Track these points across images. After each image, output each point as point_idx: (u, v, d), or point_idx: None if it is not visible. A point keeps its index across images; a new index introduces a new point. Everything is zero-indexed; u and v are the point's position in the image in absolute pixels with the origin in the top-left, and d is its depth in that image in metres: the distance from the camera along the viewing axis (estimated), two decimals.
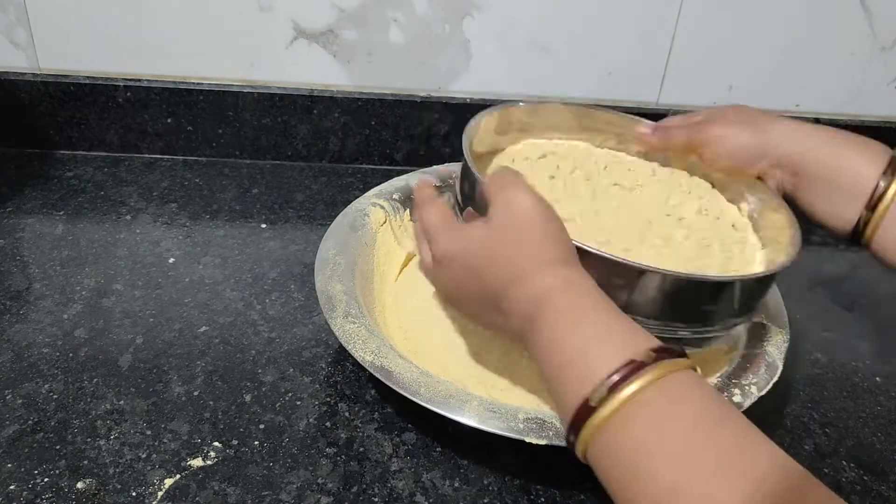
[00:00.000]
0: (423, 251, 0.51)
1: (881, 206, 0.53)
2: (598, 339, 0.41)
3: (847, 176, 0.54)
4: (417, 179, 0.56)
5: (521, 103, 0.63)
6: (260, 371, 0.58)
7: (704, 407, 0.38)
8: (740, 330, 0.56)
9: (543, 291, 0.43)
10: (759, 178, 0.58)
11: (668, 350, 0.40)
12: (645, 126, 0.63)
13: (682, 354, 0.40)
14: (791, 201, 0.58)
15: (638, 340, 0.41)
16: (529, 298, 0.44)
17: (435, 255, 0.49)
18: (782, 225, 0.56)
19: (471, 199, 0.53)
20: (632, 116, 0.65)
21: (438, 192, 0.54)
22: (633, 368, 0.39)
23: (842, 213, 0.55)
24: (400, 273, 0.66)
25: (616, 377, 0.39)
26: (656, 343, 0.41)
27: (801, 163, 0.56)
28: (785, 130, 0.57)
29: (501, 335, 0.50)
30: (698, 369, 0.41)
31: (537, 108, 0.64)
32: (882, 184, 0.53)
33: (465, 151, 0.54)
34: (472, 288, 0.47)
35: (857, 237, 0.55)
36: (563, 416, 0.42)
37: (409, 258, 0.66)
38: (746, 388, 0.53)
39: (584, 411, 0.39)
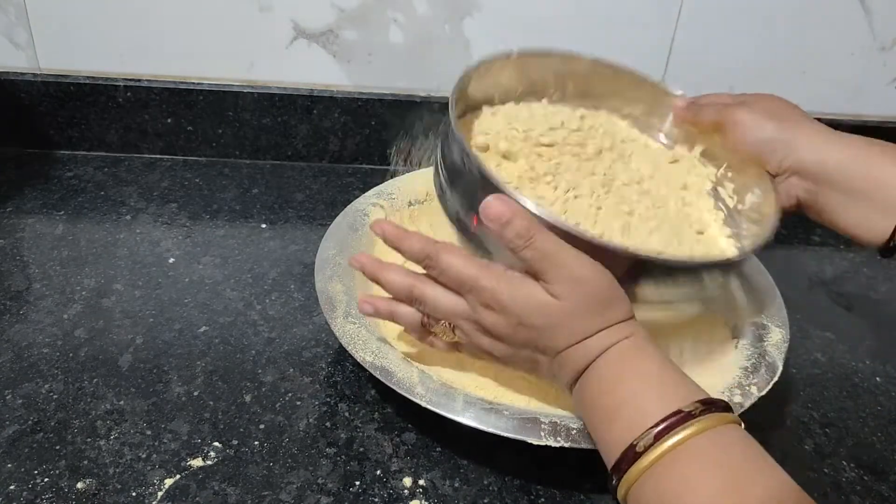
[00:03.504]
0: (442, 297, 0.49)
1: None
2: (648, 389, 0.44)
3: (878, 186, 0.52)
4: (375, 225, 0.52)
5: (515, 53, 0.60)
6: (260, 371, 0.58)
7: (743, 461, 0.40)
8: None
9: (601, 349, 0.46)
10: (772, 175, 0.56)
11: (714, 403, 0.42)
12: (680, 100, 0.62)
13: (728, 409, 0.43)
14: (806, 209, 0.56)
15: (686, 393, 0.43)
16: (586, 355, 0.46)
17: (486, 301, 0.47)
18: (760, 229, 0.54)
19: (452, 162, 0.51)
20: (656, 81, 0.63)
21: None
22: (680, 419, 0.41)
23: (872, 224, 0.53)
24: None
25: (662, 426, 0.41)
26: (703, 396, 0.43)
27: (822, 172, 0.53)
28: (811, 135, 0.54)
29: (531, 375, 0.52)
30: (742, 424, 0.43)
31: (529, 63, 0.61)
32: None
33: (451, 119, 0.51)
34: (525, 335, 0.47)
35: (888, 249, 0.53)
36: (607, 459, 0.44)
37: None
38: (746, 388, 0.53)
39: (630, 456, 0.42)
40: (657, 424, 0.41)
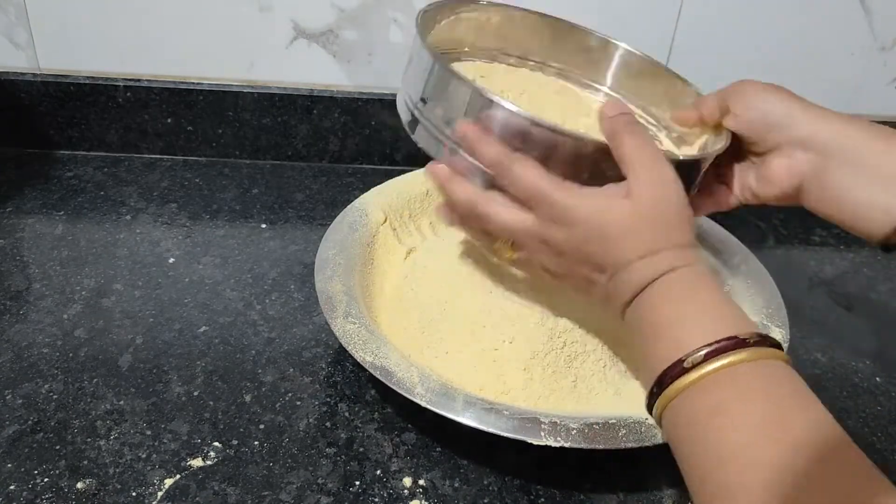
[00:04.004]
0: (505, 214, 0.49)
1: None
2: (705, 314, 0.43)
3: (886, 161, 0.49)
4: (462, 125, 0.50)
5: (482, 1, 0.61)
6: (260, 371, 0.58)
7: (789, 396, 0.40)
8: None
9: (667, 267, 0.45)
10: (765, 153, 0.53)
11: (769, 339, 0.42)
12: (688, 112, 0.58)
13: (780, 347, 0.42)
14: (807, 190, 0.52)
15: (744, 324, 0.43)
16: (648, 273, 0.45)
17: (556, 215, 0.47)
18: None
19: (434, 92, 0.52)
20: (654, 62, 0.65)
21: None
22: (734, 344, 0.40)
23: (883, 203, 0.49)
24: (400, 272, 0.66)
25: (715, 346, 0.40)
26: (759, 330, 0.42)
27: (831, 143, 0.51)
28: (813, 111, 0.52)
29: (584, 296, 0.50)
30: (790, 363, 0.42)
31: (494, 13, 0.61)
32: None
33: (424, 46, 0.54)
34: (591, 250, 0.46)
35: (889, 245, 0.50)
36: (649, 374, 0.43)
37: (409, 255, 0.66)
38: None
39: (676, 371, 0.41)
40: (710, 344, 0.40)
